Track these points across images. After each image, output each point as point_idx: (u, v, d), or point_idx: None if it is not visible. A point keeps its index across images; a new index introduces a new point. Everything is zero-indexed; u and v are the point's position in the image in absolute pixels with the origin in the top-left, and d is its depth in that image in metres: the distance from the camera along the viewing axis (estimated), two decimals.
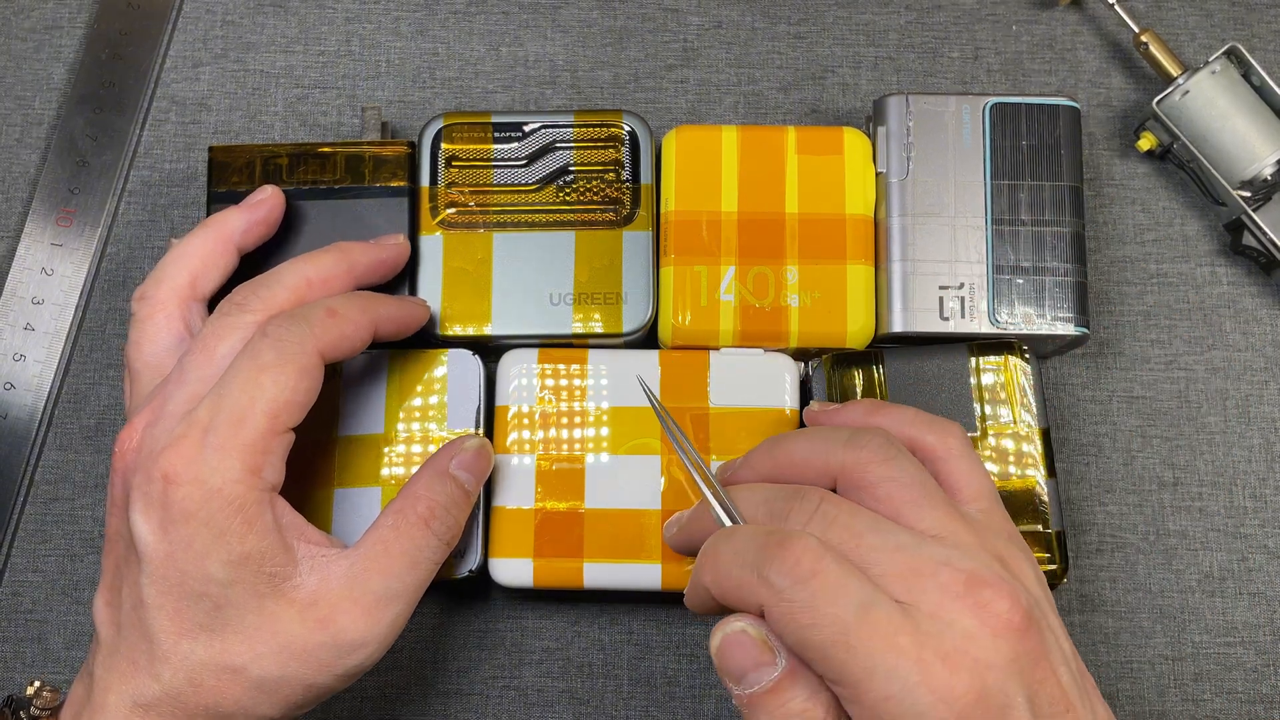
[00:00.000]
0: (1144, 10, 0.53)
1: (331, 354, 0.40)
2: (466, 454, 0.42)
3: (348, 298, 0.41)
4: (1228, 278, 0.51)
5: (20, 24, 0.53)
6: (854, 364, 0.46)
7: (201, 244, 0.44)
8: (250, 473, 0.37)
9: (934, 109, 0.48)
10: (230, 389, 0.37)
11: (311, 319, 0.39)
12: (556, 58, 0.53)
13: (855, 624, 0.31)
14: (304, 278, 0.41)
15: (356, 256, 0.43)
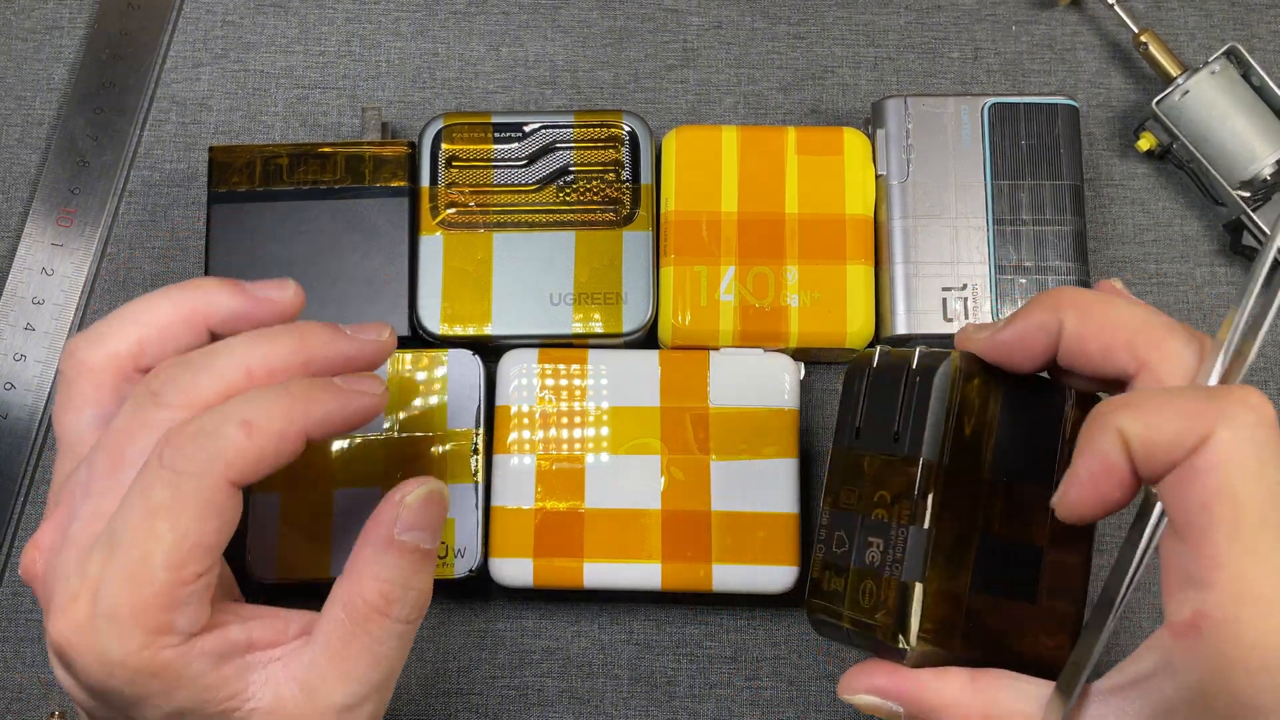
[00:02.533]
0: (1143, 10, 0.53)
1: (248, 478, 0.32)
2: (410, 511, 0.33)
3: (270, 402, 0.32)
4: (1227, 278, 0.51)
5: (20, 24, 0.53)
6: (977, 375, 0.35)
7: (167, 311, 0.35)
8: (156, 635, 0.31)
9: (932, 110, 0.48)
10: (122, 538, 0.31)
11: (220, 437, 0.31)
12: (556, 58, 0.53)
13: (1274, 512, 0.27)
14: (244, 367, 0.33)
15: (317, 349, 0.35)
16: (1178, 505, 0.28)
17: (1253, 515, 0.27)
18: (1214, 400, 0.28)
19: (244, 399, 0.32)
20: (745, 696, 0.47)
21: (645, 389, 0.46)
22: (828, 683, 0.47)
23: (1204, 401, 0.28)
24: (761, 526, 0.45)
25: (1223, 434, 0.27)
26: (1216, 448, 0.27)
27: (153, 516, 0.31)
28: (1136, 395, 0.29)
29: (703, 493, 0.45)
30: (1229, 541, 0.27)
